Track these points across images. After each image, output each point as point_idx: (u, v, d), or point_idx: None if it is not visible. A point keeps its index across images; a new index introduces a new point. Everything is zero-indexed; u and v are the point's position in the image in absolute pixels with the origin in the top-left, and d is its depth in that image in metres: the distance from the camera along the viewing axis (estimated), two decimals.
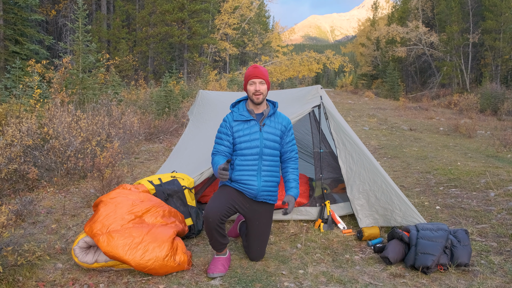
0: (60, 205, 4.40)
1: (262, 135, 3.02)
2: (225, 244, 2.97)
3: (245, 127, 3.04)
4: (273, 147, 3.05)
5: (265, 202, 3.12)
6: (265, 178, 3.04)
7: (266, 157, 3.03)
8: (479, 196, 4.79)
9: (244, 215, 3.12)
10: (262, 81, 3.00)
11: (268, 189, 3.06)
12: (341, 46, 54.44)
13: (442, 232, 3.05)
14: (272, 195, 3.12)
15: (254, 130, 3.02)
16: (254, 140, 3.01)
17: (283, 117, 3.18)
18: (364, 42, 40.93)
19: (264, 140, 3.02)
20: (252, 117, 3.04)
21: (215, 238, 2.89)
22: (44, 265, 2.97)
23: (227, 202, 2.94)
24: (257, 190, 3.02)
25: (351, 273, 2.94)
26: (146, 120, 9.39)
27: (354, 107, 19.55)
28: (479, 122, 13.31)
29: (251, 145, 3.00)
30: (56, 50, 18.18)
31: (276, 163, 3.10)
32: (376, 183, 3.76)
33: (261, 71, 3.01)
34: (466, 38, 26.07)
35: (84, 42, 9.83)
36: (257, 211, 3.10)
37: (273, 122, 3.09)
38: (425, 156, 7.61)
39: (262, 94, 3.00)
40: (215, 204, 2.89)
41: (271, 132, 3.04)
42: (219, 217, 2.83)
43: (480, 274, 2.85)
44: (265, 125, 3.04)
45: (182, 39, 21.65)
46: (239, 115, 3.06)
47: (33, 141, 5.13)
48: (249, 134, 3.01)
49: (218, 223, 2.84)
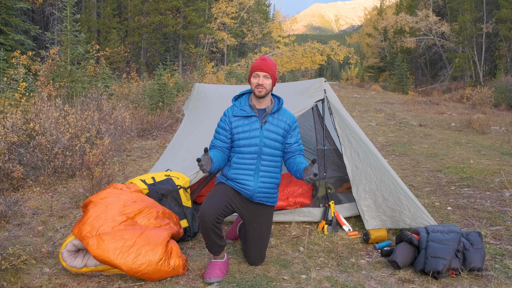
0: (47, 206, 4.39)
1: (262, 133, 2.98)
2: (222, 246, 2.96)
3: (245, 123, 3.00)
4: (274, 146, 3.01)
5: (263, 204, 3.10)
6: (263, 179, 3.01)
7: (265, 157, 3.01)
8: (493, 196, 4.79)
9: (241, 216, 3.11)
10: (267, 75, 2.96)
11: (265, 191, 3.04)
12: (346, 37, 54.32)
13: (454, 234, 3.05)
14: (270, 197, 3.09)
15: (254, 127, 2.99)
16: (254, 138, 2.98)
17: (288, 114, 3.11)
18: (371, 32, 40.87)
19: (264, 139, 2.98)
20: (253, 112, 3.01)
21: (212, 239, 2.88)
22: (30, 269, 2.96)
23: (223, 201, 2.93)
24: (253, 191, 3.00)
25: (357, 278, 2.94)
26: (138, 115, 9.38)
27: (360, 101, 19.55)
28: (493, 117, 13.29)
29: (250, 143, 2.98)
30: (43, 40, 18.13)
31: (276, 164, 3.06)
32: (383, 182, 3.76)
33: (268, 64, 2.98)
34: (480, 28, 26.01)
35: (72, 32, 9.79)
36: (255, 212, 3.08)
37: (276, 119, 3.04)
38: (435, 153, 7.61)
39: (265, 88, 2.96)
40: (210, 202, 2.87)
41: (272, 130, 3.00)
42: (215, 216, 2.81)
43: (494, 279, 2.84)
44: (267, 123, 3.01)
45: (177, 29, 21.61)
46: (239, 110, 3.04)
47: (18, 137, 5.11)
48: (248, 131, 2.98)
49: (215, 223, 2.82)
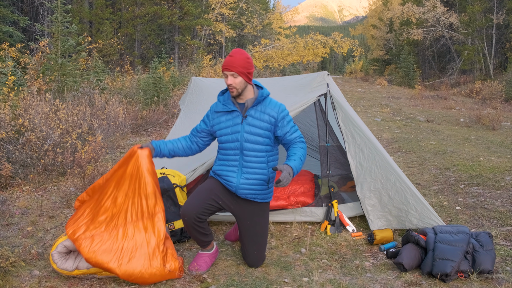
0: (36, 205, 4.38)
1: (243, 128, 2.97)
2: (207, 241, 3.06)
3: (228, 119, 3.03)
4: (256, 141, 2.97)
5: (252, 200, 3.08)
6: (247, 175, 3.00)
7: (247, 152, 2.98)
8: (504, 195, 4.79)
9: (233, 214, 3.12)
10: (234, 74, 2.89)
11: (250, 187, 3.01)
12: (350, 28, 54.32)
13: (463, 235, 3.04)
14: (257, 194, 3.05)
15: (235, 123, 3.00)
16: (235, 133, 2.99)
17: (273, 105, 3.01)
18: (376, 24, 40.79)
19: (245, 134, 2.96)
20: (235, 107, 3.00)
21: (195, 236, 3.01)
22: (19, 272, 2.96)
23: (207, 198, 2.96)
24: (235, 187, 3.01)
25: (361, 281, 2.94)
26: (132, 111, 9.36)
27: (365, 96, 19.54)
28: (504, 113, 13.26)
29: (231, 139, 3.00)
30: (32, 32, 18.06)
31: (261, 159, 3.00)
32: (389, 181, 3.75)
33: (234, 62, 2.87)
34: (490, 19, 25.94)
35: (63, 23, 9.76)
36: (246, 208, 3.08)
37: (258, 112, 2.98)
38: (443, 150, 7.60)
39: (236, 88, 2.92)
40: (192, 201, 2.93)
41: (254, 124, 2.96)
42: (195, 216, 2.87)
43: (505, 282, 2.84)
44: (247, 117, 2.98)
45: (172, 20, 21.54)
46: (222, 106, 3.06)
47: (6, 133, 5.11)
48: (230, 127, 3.00)
49: (196, 222, 2.89)
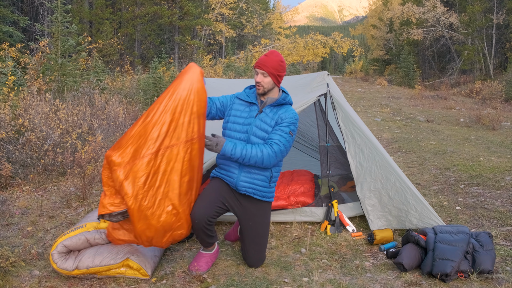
0: (36, 205, 4.39)
1: (255, 122, 3.03)
2: (212, 242, 3.07)
3: (245, 110, 3.10)
4: (262, 137, 3.01)
5: (257, 199, 3.08)
6: (248, 169, 3.01)
7: None
8: (504, 195, 4.79)
9: (236, 215, 3.12)
10: (265, 73, 2.98)
11: (250, 181, 3.02)
12: (350, 28, 54.34)
13: (463, 235, 3.05)
14: (257, 190, 3.06)
15: (251, 115, 3.07)
16: (246, 125, 3.04)
17: (289, 112, 3.04)
18: (376, 24, 40.77)
19: (255, 128, 3.02)
20: (256, 101, 3.10)
21: (202, 238, 3.00)
22: (19, 272, 2.96)
23: (216, 201, 2.96)
24: (236, 179, 3.02)
25: (361, 281, 2.94)
26: (132, 111, 9.37)
27: (365, 96, 19.54)
28: (504, 113, 13.26)
29: (241, 129, 3.04)
30: (32, 32, 18.06)
31: None
32: (389, 181, 3.76)
33: (267, 62, 2.98)
34: (490, 19, 25.93)
35: (63, 23, 9.76)
36: (249, 209, 3.08)
37: (273, 113, 3.04)
38: (443, 150, 7.61)
39: (263, 86, 3.02)
40: (202, 203, 2.91)
41: (265, 121, 3.02)
42: (206, 219, 2.86)
43: (505, 282, 2.84)
44: (262, 113, 3.06)
45: (172, 20, 21.54)
46: (245, 95, 3.15)
47: (6, 133, 5.10)
48: (245, 118, 3.06)
49: (205, 225, 2.88)
